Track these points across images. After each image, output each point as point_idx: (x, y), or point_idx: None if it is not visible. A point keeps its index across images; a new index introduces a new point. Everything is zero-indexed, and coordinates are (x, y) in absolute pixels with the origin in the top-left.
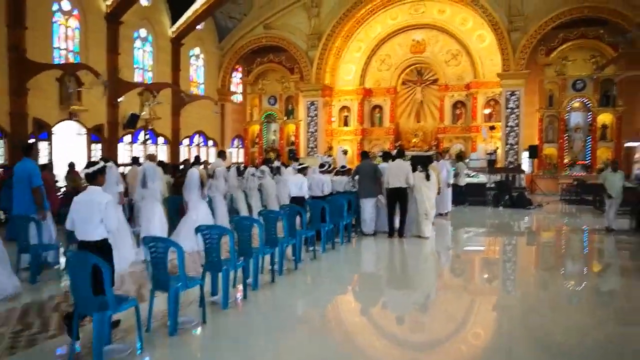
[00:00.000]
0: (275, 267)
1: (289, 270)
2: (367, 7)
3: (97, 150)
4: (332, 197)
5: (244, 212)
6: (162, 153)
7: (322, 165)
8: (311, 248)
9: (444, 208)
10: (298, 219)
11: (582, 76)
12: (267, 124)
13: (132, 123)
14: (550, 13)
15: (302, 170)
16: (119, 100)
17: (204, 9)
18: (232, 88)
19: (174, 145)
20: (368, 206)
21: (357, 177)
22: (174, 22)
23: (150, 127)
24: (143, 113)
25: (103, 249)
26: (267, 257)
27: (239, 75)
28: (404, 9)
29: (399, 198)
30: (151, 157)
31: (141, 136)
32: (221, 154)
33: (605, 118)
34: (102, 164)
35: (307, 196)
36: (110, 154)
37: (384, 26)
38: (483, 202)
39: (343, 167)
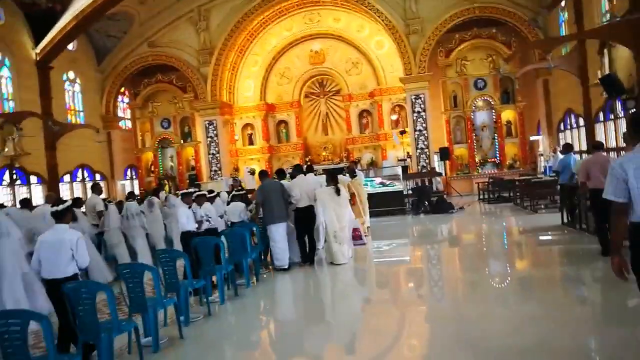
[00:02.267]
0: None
1: (171, 340)
2: (259, 19)
3: None
4: (230, 230)
5: (124, 258)
6: (38, 194)
7: (210, 192)
8: (206, 299)
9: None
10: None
11: (482, 75)
12: (162, 149)
13: None
14: (444, 15)
15: (194, 198)
16: None
17: (72, 27)
18: (120, 113)
19: (51, 183)
20: (278, 233)
21: (260, 200)
22: (37, 42)
23: (17, 166)
24: (6, 150)
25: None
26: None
27: (127, 99)
28: (297, 20)
29: (310, 219)
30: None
31: (6, 176)
32: (95, 188)
33: (508, 114)
34: (69, 202)
35: (196, 228)
36: None
37: (279, 38)
38: (402, 211)
39: (239, 189)
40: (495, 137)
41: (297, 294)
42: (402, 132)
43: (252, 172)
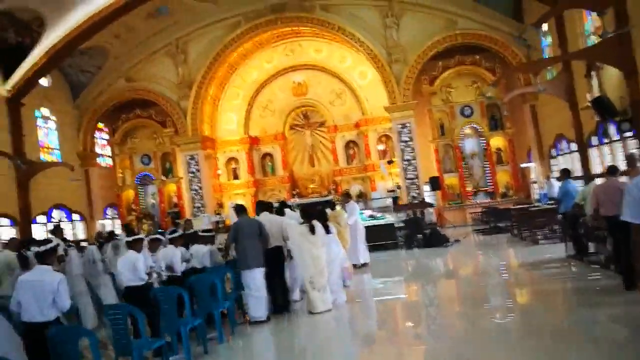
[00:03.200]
0: None
1: None
2: (238, 51)
3: None
4: (197, 276)
5: (87, 310)
6: (8, 236)
7: (172, 232)
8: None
9: (357, 258)
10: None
11: (468, 102)
12: (143, 186)
13: None
14: (426, 42)
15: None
16: None
17: (44, 62)
18: (98, 150)
19: (24, 225)
20: (254, 281)
21: (230, 241)
22: (6, 79)
23: None
24: None
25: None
26: None
27: (106, 135)
28: (278, 51)
29: (278, 261)
30: None
31: None
32: (55, 230)
33: (497, 142)
34: (54, 242)
35: (144, 280)
36: None
37: (260, 70)
38: (394, 245)
39: (205, 230)
40: (486, 165)
41: (278, 350)
42: (390, 162)
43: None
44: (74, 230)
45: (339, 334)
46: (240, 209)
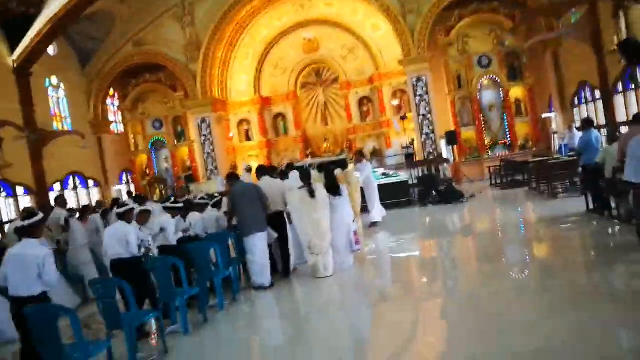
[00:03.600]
0: None
1: None
2: (246, 9)
3: None
4: (194, 244)
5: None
6: (27, 205)
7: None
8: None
9: (370, 217)
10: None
11: (486, 52)
12: (156, 151)
13: None
14: None
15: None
16: None
17: (48, 30)
18: (111, 117)
19: (40, 193)
20: (258, 246)
21: (229, 208)
22: (13, 49)
23: (0, 178)
24: None
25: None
26: None
27: (116, 102)
28: (287, 7)
29: (278, 226)
30: None
31: None
32: (58, 200)
33: (517, 92)
34: (40, 215)
35: (138, 253)
36: None
37: (270, 28)
38: (409, 202)
39: (214, 195)
40: (505, 117)
41: (279, 316)
42: (403, 118)
43: (249, 170)
44: (90, 196)
45: (342, 297)
46: (231, 177)
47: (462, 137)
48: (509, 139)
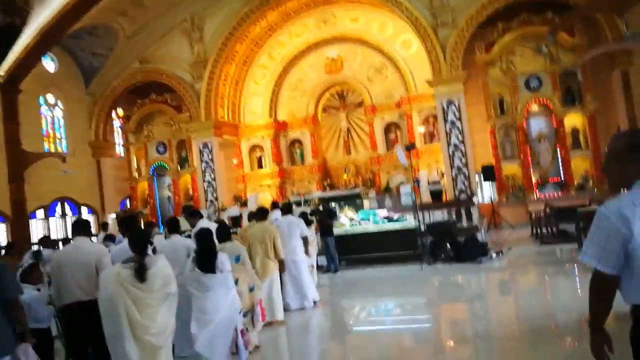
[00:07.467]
0: None
1: None
2: (261, 24)
3: None
4: None
5: None
6: (1, 234)
7: None
8: None
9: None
10: None
11: (535, 72)
12: (159, 177)
13: None
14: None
15: None
16: None
17: (36, 44)
18: (114, 139)
19: (17, 221)
20: None
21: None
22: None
23: None
24: None
25: None
26: None
27: (118, 123)
28: (309, 23)
29: None
30: None
31: None
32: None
33: (573, 120)
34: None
35: None
36: None
37: (289, 46)
38: (415, 257)
39: None
40: (558, 150)
41: None
42: (410, 148)
43: (244, 203)
44: None
45: None
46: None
47: (504, 173)
48: (562, 177)
